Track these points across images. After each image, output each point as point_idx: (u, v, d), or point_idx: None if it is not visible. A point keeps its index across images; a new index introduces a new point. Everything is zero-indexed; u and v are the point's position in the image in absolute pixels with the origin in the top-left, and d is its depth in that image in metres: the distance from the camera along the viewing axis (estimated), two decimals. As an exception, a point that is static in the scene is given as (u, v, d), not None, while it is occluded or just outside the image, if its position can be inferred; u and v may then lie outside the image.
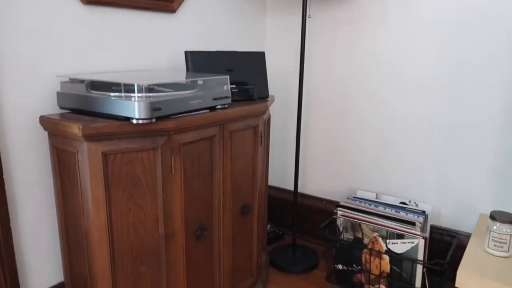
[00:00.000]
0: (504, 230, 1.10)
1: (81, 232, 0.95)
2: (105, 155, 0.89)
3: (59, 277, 1.15)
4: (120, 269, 0.97)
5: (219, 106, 1.07)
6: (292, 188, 1.87)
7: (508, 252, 1.11)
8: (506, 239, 1.10)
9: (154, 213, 0.97)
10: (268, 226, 1.92)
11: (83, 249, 0.96)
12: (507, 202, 1.37)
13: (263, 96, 1.28)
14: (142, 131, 0.90)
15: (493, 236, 1.12)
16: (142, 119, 0.86)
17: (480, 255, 1.13)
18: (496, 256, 1.12)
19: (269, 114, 1.39)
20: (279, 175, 1.93)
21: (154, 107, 0.87)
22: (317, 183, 1.81)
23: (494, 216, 1.11)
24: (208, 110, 1.05)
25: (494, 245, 1.12)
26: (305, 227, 1.83)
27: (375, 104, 1.58)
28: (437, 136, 1.47)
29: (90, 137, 0.86)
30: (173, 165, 0.97)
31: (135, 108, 0.85)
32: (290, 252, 1.68)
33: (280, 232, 1.87)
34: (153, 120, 0.88)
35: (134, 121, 0.87)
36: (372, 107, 1.59)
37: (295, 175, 1.59)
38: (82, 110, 0.96)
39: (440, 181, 1.49)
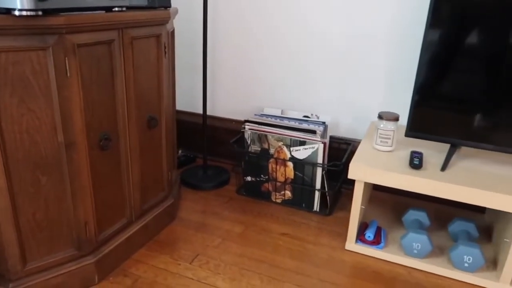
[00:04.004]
0: (389, 127, 1.24)
1: (-35, 143, 0.87)
2: (-15, 53, 0.80)
3: None
4: (18, 180, 0.91)
5: (117, 9, 1.01)
6: (201, 111, 1.88)
7: (391, 146, 1.26)
8: (390, 135, 1.24)
9: (50, 120, 0.92)
10: (180, 151, 1.93)
11: (-29, 162, 0.88)
12: (395, 110, 1.54)
13: (165, 5, 1.23)
14: (28, 26, 0.82)
15: (380, 134, 1.26)
16: (26, 10, 0.78)
17: (369, 151, 1.27)
18: (382, 151, 1.27)
19: (173, 27, 1.34)
20: (188, 99, 1.91)
21: (39, -3, 0.79)
22: (226, 105, 1.83)
23: (381, 116, 1.24)
24: (104, 12, 0.98)
25: (381, 141, 1.26)
26: (216, 149, 1.88)
27: (274, 24, 1.61)
28: (336, 53, 1.56)
29: (-37, 31, 0.76)
30: (67, 68, 0.91)
31: (16, -3, 0.77)
32: (201, 171, 1.72)
33: (192, 156, 1.89)
34: (39, 13, 0.81)
35: (17, 13, 0.78)
36: (270, 27, 1.62)
37: (203, 97, 1.60)
38: (-50, 5, 0.84)
39: (339, 95, 1.60)
